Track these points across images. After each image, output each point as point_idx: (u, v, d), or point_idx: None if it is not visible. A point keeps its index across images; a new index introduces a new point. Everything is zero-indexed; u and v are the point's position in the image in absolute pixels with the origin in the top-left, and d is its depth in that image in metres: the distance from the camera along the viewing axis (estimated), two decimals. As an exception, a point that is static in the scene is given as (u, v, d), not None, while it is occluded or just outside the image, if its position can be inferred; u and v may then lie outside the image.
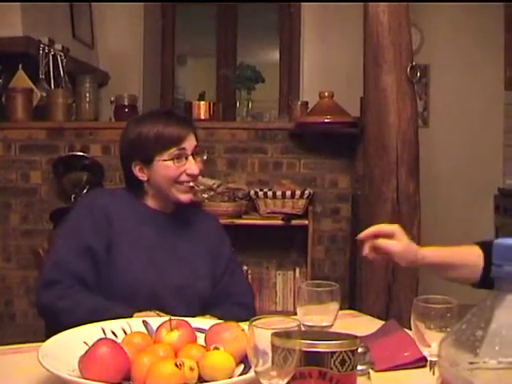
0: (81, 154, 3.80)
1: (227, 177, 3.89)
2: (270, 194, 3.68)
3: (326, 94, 3.75)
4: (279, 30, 5.54)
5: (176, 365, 1.20)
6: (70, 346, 1.34)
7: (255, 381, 1.03)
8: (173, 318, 1.39)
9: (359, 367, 1.04)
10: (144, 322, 1.51)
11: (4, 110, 3.83)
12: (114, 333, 1.45)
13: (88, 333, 1.40)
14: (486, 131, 4.90)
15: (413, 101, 3.25)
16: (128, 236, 1.89)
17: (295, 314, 1.39)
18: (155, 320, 1.49)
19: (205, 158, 2.00)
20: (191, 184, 1.92)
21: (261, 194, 3.70)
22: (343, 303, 1.42)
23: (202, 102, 4.06)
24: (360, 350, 1.05)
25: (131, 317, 1.63)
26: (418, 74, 3.24)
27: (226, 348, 1.29)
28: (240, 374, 1.26)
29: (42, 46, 3.87)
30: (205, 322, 1.49)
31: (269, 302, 3.85)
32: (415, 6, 3.70)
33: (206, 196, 3.65)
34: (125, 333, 1.45)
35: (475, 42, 4.86)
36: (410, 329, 1.24)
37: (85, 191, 3.65)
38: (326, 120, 3.67)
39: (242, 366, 1.30)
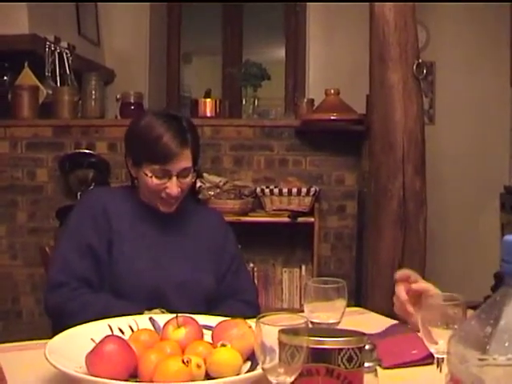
0: (87, 151, 3.81)
1: (233, 174, 3.88)
2: (276, 191, 3.67)
3: (332, 91, 3.74)
4: (285, 28, 5.53)
5: (183, 362, 1.20)
6: (76, 342, 1.34)
7: (262, 378, 1.03)
8: (180, 315, 1.39)
9: (366, 364, 1.04)
10: (151, 319, 1.52)
11: (10, 108, 3.84)
12: (121, 330, 1.45)
13: (95, 330, 1.40)
14: (492, 129, 4.88)
15: (419, 98, 3.24)
16: (129, 234, 1.89)
17: (301, 311, 1.39)
18: (162, 317, 1.50)
19: (193, 180, 1.92)
20: (172, 200, 1.89)
21: (267, 191, 3.69)
22: (349, 300, 1.42)
23: (208, 100, 4.05)
24: (367, 347, 1.05)
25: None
26: (424, 72, 3.24)
27: (233, 345, 1.29)
28: (247, 371, 1.26)
29: (47, 43, 3.87)
30: (212, 319, 1.49)
31: (275, 300, 3.84)
32: (421, 4, 3.69)
33: (212, 193, 3.65)
34: (132, 330, 1.46)
35: (481, 39, 4.85)
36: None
37: (91, 188, 3.66)
38: (332, 117, 3.66)
39: (249, 363, 1.29)
